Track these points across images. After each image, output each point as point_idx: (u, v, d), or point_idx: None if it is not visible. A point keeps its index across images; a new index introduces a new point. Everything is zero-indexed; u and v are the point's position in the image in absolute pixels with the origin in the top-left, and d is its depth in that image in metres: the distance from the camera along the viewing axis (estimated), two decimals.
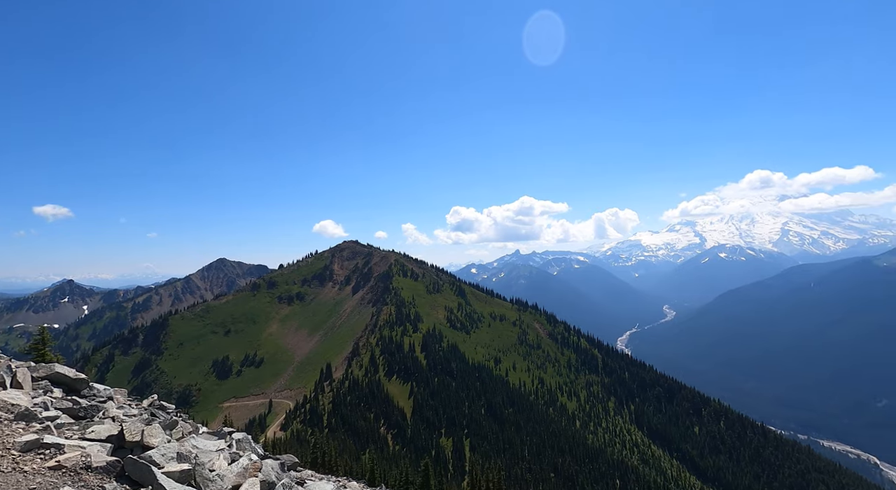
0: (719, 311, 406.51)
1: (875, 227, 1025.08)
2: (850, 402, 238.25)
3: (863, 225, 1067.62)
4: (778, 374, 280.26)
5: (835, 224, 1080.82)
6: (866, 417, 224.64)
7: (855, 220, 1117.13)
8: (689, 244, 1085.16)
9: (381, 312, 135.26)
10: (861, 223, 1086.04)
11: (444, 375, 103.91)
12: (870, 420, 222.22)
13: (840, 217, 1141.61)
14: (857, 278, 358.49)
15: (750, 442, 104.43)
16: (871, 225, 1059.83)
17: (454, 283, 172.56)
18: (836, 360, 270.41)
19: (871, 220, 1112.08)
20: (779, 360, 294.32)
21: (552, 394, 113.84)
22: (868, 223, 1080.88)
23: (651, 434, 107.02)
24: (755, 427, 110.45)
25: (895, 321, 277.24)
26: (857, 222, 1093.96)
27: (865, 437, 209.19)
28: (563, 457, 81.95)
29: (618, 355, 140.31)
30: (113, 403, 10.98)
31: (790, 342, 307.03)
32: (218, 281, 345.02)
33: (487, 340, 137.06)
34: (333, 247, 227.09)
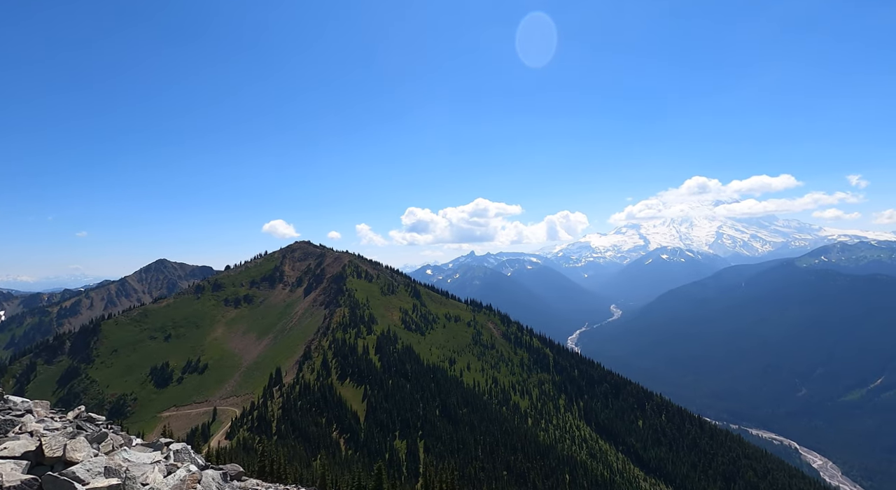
0: (661, 310, 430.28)
1: (797, 231, 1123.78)
2: (775, 392, 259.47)
3: (786, 229, 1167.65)
4: (713, 369, 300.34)
5: (762, 228, 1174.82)
6: (788, 406, 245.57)
7: (779, 224, 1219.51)
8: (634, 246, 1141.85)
9: (334, 314, 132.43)
10: (785, 227, 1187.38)
11: (399, 377, 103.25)
12: (791, 409, 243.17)
13: (767, 221, 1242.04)
14: (782, 278, 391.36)
15: (688, 433, 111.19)
16: (794, 229, 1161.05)
17: (409, 285, 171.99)
18: (763, 354, 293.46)
19: (793, 224, 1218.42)
20: (714, 355, 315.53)
21: (505, 393, 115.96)
22: (791, 227, 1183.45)
23: (599, 429, 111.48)
24: (693, 419, 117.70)
25: (814, 317, 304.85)
26: (781, 226, 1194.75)
27: (787, 424, 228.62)
28: (515, 455, 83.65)
29: (568, 354, 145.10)
30: (32, 417, 10.09)
31: (724, 338, 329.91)
32: (157, 283, 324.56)
33: (442, 341, 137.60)
34: (284, 247, 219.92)
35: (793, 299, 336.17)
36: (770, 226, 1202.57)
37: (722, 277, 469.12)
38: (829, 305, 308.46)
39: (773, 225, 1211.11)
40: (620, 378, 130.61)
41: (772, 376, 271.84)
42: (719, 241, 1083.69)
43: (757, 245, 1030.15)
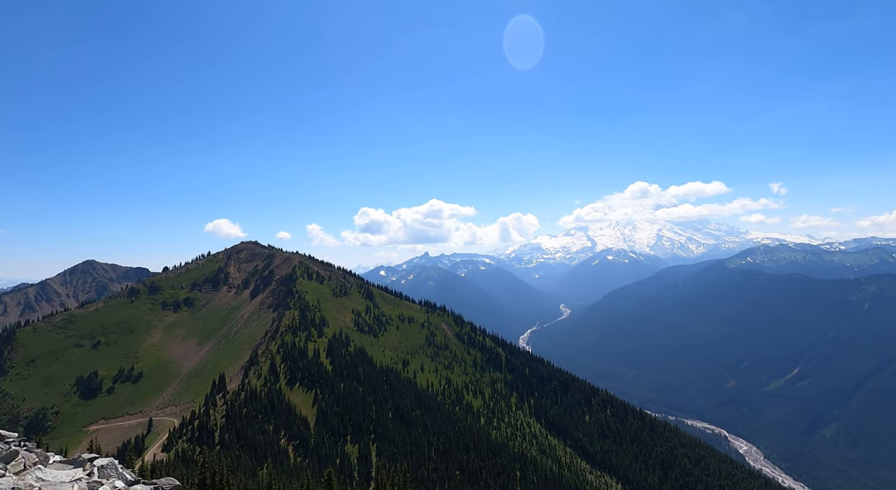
0: (606, 309, 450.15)
1: (727, 234, 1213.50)
2: (707, 384, 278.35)
3: (717, 232, 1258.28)
4: (653, 364, 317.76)
5: (697, 231, 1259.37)
6: (718, 397, 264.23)
7: (712, 228, 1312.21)
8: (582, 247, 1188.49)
9: (283, 317, 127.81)
10: (716, 230, 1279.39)
11: (351, 380, 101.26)
12: (721, 399, 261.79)
13: (701, 225, 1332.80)
14: (714, 278, 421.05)
15: (630, 426, 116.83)
16: (724, 232, 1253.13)
17: (362, 286, 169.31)
18: (698, 349, 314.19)
19: (723, 227, 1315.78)
20: (654, 351, 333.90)
21: (459, 393, 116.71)
22: (721, 230, 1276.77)
23: (548, 425, 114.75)
24: (635, 412, 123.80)
25: (741, 314, 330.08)
26: (713, 230, 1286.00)
27: (718, 413, 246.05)
28: (468, 454, 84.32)
29: (520, 353, 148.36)
30: None
31: (663, 335, 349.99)
32: (85, 286, 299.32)
33: (396, 343, 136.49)
34: (229, 248, 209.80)
35: (723, 297, 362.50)
36: (703, 229, 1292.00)
37: (661, 277, 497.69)
38: (754, 303, 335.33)
39: (706, 228, 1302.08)
40: (569, 375, 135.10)
41: (705, 370, 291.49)
42: (659, 243, 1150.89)
43: (692, 247, 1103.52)
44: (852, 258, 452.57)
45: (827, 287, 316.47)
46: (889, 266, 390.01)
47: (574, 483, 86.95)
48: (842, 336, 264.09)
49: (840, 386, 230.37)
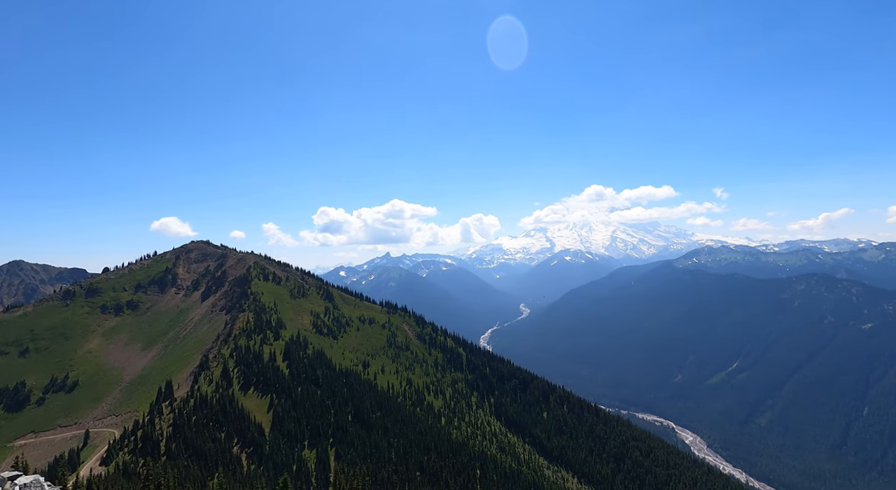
0: (564, 308, 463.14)
1: (675, 236, 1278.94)
2: (657, 379, 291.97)
3: (667, 234, 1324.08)
4: (608, 360, 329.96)
5: (648, 233, 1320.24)
6: (667, 391, 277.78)
7: (661, 230, 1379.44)
8: (541, 248, 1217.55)
9: (236, 320, 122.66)
10: (666, 232, 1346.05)
11: (309, 384, 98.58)
12: (670, 393, 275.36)
13: (652, 227, 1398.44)
14: (663, 278, 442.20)
15: (586, 421, 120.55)
16: (673, 234, 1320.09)
17: (321, 287, 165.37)
18: (648, 345, 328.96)
19: (672, 230, 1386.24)
20: (609, 347, 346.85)
21: (420, 394, 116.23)
22: (670, 232, 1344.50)
23: (508, 423, 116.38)
24: (590, 408, 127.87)
25: (688, 311, 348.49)
26: (663, 232, 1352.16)
27: (666, 407, 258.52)
28: (428, 454, 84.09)
29: (481, 352, 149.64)
30: None
31: (617, 332, 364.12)
32: (11, 289, 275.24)
33: (356, 344, 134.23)
34: (178, 247, 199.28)
35: (672, 296, 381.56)
36: (654, 231, 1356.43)
37: (615, 277, 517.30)
38: (699, 301, 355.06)
39: (657, 230, 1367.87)
40: (528, 373, 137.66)
41: (655, 365, 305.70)
42: (614, 245, 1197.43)
43: (644, 248, 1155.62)
44: (784, 259, 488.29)
45: (763, 286, 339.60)
46: (816, 266, 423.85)
47: (532, 479, 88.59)
48: (775, 331, 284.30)
49: (773, 378, 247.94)
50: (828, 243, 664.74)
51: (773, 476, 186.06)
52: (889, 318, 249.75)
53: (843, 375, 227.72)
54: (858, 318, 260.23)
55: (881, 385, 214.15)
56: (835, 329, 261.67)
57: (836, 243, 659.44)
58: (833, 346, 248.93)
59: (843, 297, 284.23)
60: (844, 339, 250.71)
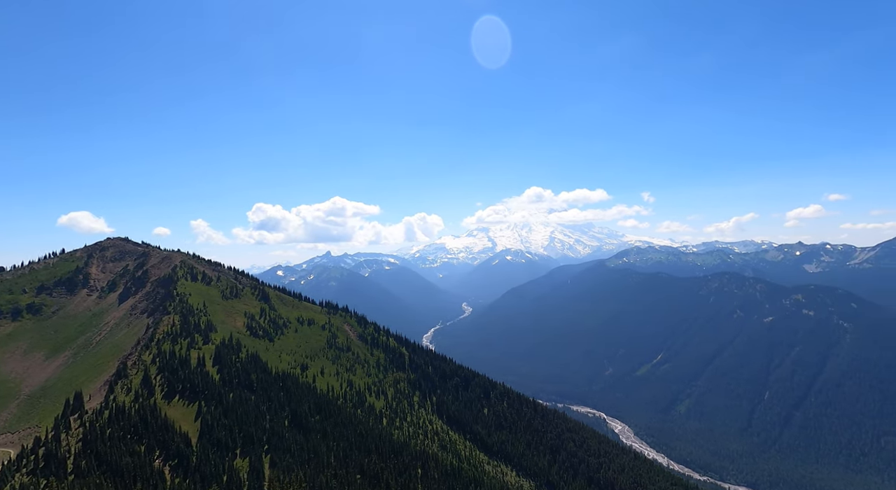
0: (505, 306, 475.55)
1: (608, 237, 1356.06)
2: (590, 372, 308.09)
3: (600, 235, 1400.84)
4: (545, 357, 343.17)
5: (584, 233, 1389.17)
6: (599, 384, 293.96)
7: (595, 231, 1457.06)
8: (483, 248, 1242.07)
9: (160, 323, 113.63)
10: (599, 234, 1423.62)
11: (242, 389, 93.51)
12: (601, 385, 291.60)
13: (587, 228, 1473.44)
14: (596, 276, 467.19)
15: (525, 416, 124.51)
16: (605, 235, 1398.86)
17: (257, 287, 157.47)
18: (583, 341, 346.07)
19: (605, 231, 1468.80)
20: (547, 344, 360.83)
21: (361, 395, 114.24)
22: (603, 234, 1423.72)
23: (449, 421, 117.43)
24: (529, 403, 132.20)
25: (618, 308, 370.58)
26: (597, 233, 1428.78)
27: (598, 398, 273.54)
28: (369, 456, 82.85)
29: (423, 351, 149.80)
30: None
31: (554, 329, 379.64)
32: None
33: (294, 347, 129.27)
34: (92, 245, 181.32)
35: (604, 294, 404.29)
36: (589, 232, 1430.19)
37: (553, 276, 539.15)
38: (628, 298, 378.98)
39: (591, 231, 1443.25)
40: (470, 371, 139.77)
41: (588, 359, 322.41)
42: (552, 245, 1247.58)
43: (580, 248, 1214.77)
44: (702, 259, 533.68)
45: (683, 284, 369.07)
46: (728, 265, 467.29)
47: (473, 475, 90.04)
48: (694, 326, 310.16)
49: (691, 368, 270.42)
50: (738, 244, 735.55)
51: (691, 458, 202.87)
52: (786, 312, 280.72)
53: (749, 364, 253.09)
54: (761, 312, 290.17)
55: (779, 372, 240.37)
56: (742, 322, 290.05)
57: (744, 244, 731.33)
58: (741, 339, 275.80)
59: (749, 293, 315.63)
60: (750, 331, 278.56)
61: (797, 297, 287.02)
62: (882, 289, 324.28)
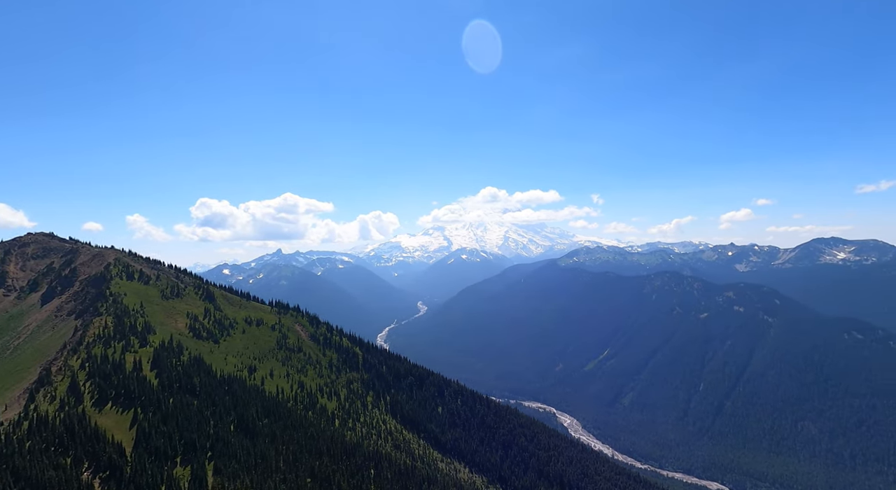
0: (460, 305, 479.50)
1: (559, 237, 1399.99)
2: (541, 369, 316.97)
3: (552, 235, 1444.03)
4: (499, 354, 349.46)
5: (537, 233, 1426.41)
6: (550, 380, 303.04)
7: (548, 231, 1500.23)
8: (439, 247, 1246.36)
9: (90, 325, 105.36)
10: (551, 233, 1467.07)
11: (184, 394, 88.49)
12: (552, 381, 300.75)
13: (539, 228, 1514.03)
14: (548, 275, 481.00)
15: (478, 413, 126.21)
16: (557, 235, 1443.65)
17: (201, 286, 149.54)
18: (535, 338, 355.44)
19: (557, 231, 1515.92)
20: (500, 341, 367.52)
21: (312, 396, 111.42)
22: (555, 234, 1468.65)
23: (403, 420, 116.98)
24: (482, 400, 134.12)
25: (569, 306, 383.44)
26: (549, 233, 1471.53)
27: (549, 394, 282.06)
28: (320, 459, 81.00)
29: (377, 351, 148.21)
30: None
31: (508, 326, 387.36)
32: None
33: (241, 348, 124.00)
34: (9, 240, 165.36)
35: (555, 292, 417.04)
36: (542, 232, 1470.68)
37: (507, 275, 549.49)
38: (578, 296, 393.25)
39: (544, 231, 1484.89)
40: (424, 370, 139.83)
41: (540, 356, 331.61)
42: (506, 244, 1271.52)
43: (533, 248, 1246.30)
44: (645, 258, 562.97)
45: (629, 282, 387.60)
46: (668, 265, 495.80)
47: (426, 473, 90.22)
48: (638, 322, 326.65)
49: (635, 363, 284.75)
50: (677, 245, 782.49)
51: (633, 448, 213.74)
52: (719, 308, 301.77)
53: (686, 358, 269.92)
54: (697, 309, 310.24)
55: (712, 364, 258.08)
56: (681, 318, 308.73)
57: (683, 245, 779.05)
58: (679, 334, 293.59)
59: (687, 291, 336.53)
60: (687, 327, 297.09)
61: (729, 294, 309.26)
62: (800, 286, 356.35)
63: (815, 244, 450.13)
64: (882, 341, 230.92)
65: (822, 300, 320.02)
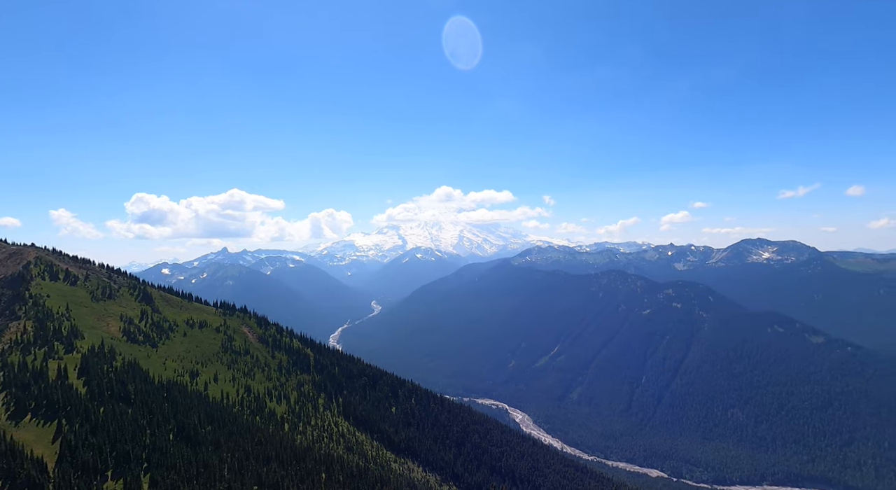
0: (414, 304, 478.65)
1: (512, 237, 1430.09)
2: (494, 366, 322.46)
3: (506, 234, 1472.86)
4: (453, 352, 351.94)
5: (491, 233, 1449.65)
6: (502, 376, 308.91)
7: (502, 231, 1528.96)
8: (394, 246, 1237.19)
9: (5, 331, 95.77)
10: (505, 233, 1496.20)
11: (117, 402, 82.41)
12: (505, 377, 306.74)
13: (493, 228, 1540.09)
14: (502, 274, 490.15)
15: (432, 411, 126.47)
16: (510, 235, 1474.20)
17: (136, 287, 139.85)
18: (489, 335, 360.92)
19: (510, 231, 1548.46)
20: (454, 340, 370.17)
21: (260, 400, 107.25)
22: (509, 233, 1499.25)
23: (356, 422, 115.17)
24: (436, 398, 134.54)
25: (522, 304, 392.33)
26: (503, 232, 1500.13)
27: (502, 390, 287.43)
28: (268, 465, 78.13)
29: (330, 352, 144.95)
30: None
31: (462, 325, 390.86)
32: None
33: (182, 352, 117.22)
34: None
35: (509, 291, 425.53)
36: (496, 231, 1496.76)
37: (462, 274, 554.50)
38: (530, 294, 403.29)
39: (498, 231, 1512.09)
40: (378, 370, 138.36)
41: (493, 353, 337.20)
42: (461, 243, 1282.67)
43: (487, 247, 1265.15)
44: (593, 258, 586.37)
45: (578, 281, 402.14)
46: (615, 264, 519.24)
47: (379, 474, 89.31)
48: (586, 319, 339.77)
49: (583, 358, 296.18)
50: (623, 245, 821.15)
51: (581, 440, 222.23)
52: (660, 305, 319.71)
53: (630, 352, 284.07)
54: (641, 305, 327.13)
55: (654, 358, 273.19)
56: (626, 315, 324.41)
57: (628, 245, 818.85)
58: (624, 329, 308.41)
59: (631, 289, 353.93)
60: (631, 323, 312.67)
61: (668, 291, 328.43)
62: (731, 284, 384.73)
63: (744, 245, 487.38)
64: (799, 334, 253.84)
65: (749, 296, 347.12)
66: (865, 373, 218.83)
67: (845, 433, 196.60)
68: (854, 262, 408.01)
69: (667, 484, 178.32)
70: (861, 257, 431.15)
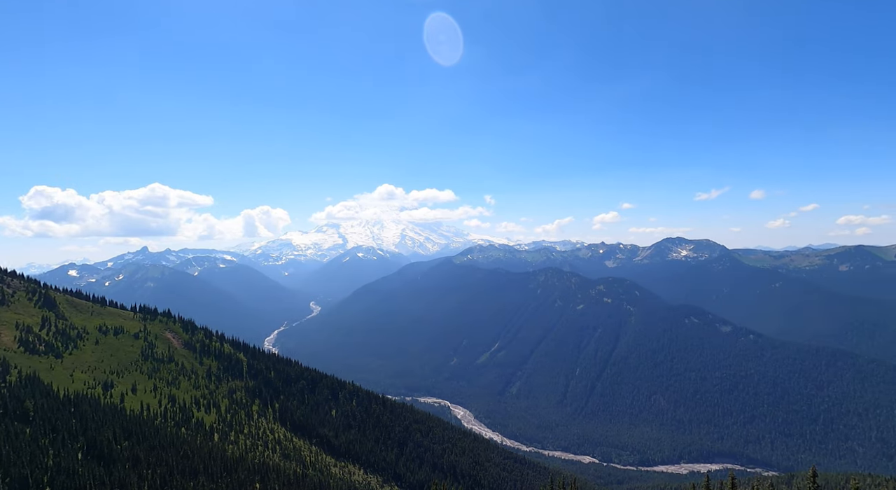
0: (356, 304, 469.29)
1: (455, 235, 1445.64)
2: (436, 364, 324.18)
3: (448, 233, 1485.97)
4: (396, 351, 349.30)
5: (433, 232, 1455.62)
6: (444, 374, 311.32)
7: (444, 230, 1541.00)
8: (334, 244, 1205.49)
9: None
10: (447, 232, 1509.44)
11: (11, 421, 72.89)
12: (447, 375, 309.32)
13: (436, 227, 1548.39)
14: (444, 272, 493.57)
15: (373, 413, 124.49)
16: (453, 234, 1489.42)
17: (36, 291, 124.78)
18: (430, 334, 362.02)
19: (452, 230, 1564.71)
20: (397, 339, 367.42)
21: (186, 411, 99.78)
22: (451, 232, 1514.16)
23: (294, 427, 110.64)
24: (378, 399, 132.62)
25: (464, 302, 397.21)
26: (445, 231, 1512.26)
27: (444, 388, 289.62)
28: (196, 479, 72.92)
29: (265, 356, 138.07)
30: None
31: (405, 324, 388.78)
32: None
33: (94, 362, 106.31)
34: None
35: (451, 289, 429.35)
36: (438, 230, 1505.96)
37: (404, 273, 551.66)
38: (472, 292, 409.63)
39: (440, 230, 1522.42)
40: (317, 373, 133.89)
41: (435, 352, 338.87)
42: (403, 242, 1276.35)
43: (429, 245, 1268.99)
44: (532, 256, 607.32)
45: (517, 278, 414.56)
46: (552, 261, 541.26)
47: (318, 480, 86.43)
48: (525, 315, 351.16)
49: (522, 353, 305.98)
50: (559, 243, 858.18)
51: (520, 433, 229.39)
52: (592, 300, 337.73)
53: (565, 346, 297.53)
54: (574, 301, 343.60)
55: (587, 350, 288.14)
56: (561, 310, 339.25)
57: (563, 244, 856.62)
58: (560, 324, 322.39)
59: (566, 285, 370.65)
60: (566, 318, 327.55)
61: (599, 287, 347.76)
62: (654, 279, 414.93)
63: (665, 243, 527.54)
64: (711, 324, 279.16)
65: (670, 291, 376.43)
66: (764, 357, 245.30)
67: (748, 412, 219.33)
68: (755, 259, 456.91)
69: (598, 469, 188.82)
70: (761, 254, 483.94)
